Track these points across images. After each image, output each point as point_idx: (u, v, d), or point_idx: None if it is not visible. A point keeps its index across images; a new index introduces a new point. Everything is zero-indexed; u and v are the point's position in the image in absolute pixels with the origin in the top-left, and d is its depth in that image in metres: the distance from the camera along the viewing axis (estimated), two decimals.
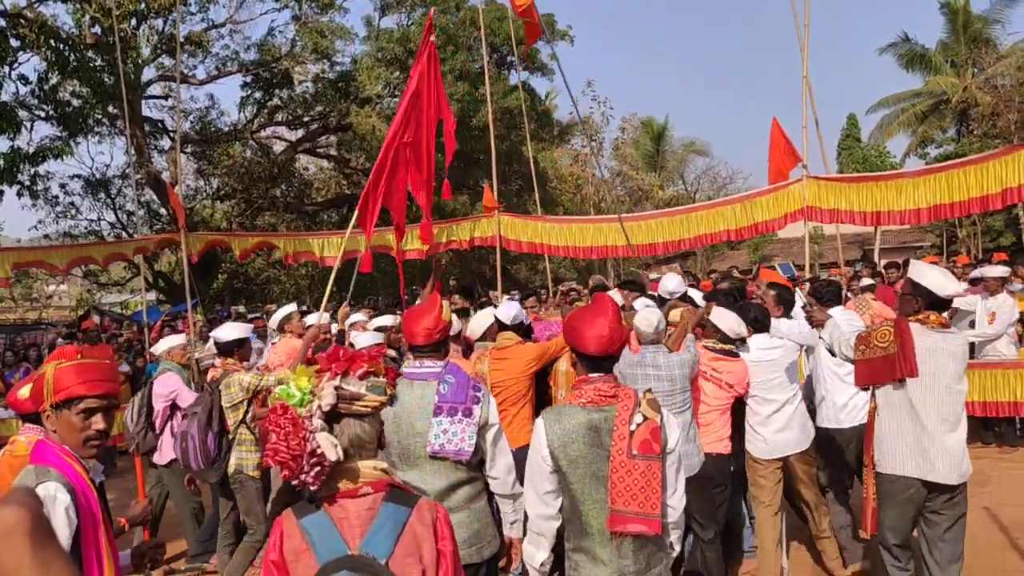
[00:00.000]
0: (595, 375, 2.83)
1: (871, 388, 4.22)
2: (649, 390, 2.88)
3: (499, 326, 5.34)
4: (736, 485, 5.24)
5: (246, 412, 5.36)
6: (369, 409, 2.05)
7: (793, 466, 5.16)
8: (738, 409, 5.05)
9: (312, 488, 1.94)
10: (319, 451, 1.92)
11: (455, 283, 11.99)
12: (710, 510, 4.78)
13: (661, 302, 6.03)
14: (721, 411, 4.89)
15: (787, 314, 5.52)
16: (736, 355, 4.93)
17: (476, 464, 3.33)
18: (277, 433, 1.92)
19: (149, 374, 8.13)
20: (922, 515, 4.09)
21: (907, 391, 3.99)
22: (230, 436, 5.43)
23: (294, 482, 1.94)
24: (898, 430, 4.03)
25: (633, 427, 2.70)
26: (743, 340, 5.00)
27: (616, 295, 6.65)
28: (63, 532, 2.15)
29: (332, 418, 2.00)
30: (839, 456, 5.44)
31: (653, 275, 17.03)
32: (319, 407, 1.97)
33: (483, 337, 5.40)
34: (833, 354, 4.61)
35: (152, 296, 21.51)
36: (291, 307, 7.47)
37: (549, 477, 2.77)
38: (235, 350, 5.61)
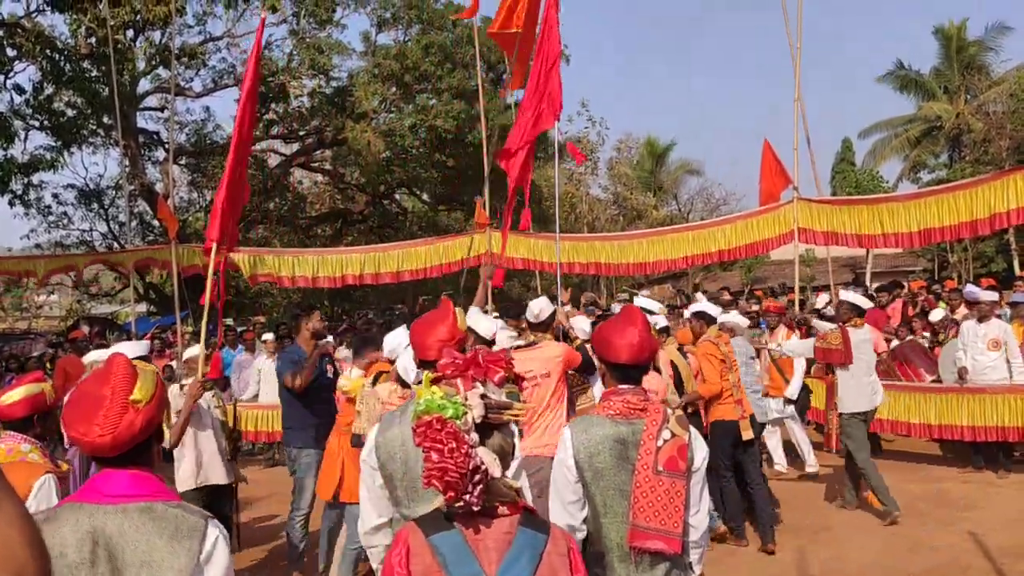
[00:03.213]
0: (625, 387, 2.80)
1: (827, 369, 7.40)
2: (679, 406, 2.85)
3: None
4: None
5: None
6: (515, 419, 1.89)
7: None
8: None
9: (475, 508, 1.77)
10: (483, 467, 1.76)
11: (446, 299, 11.94)
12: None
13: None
14: None
15: None
16: None
17: None
18: (439, 451, 1.73)
19: None
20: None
21: (853, 366, 7.02)
22: None
23: (458, 504, 1.77)
24: (852, 385, 7.06)
25: (660, 443, 2.67)
26: None
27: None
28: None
29: (479, 430, 1.84)
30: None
31: (644, 292, 17.03)
32: (472, 419, 1.82)
33: None
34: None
35: (142, 308, 21.41)
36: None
37: (574, 487, 2.72)
38: None
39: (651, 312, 6.50)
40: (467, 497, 1.74)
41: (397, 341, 4.64)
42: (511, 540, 1.80)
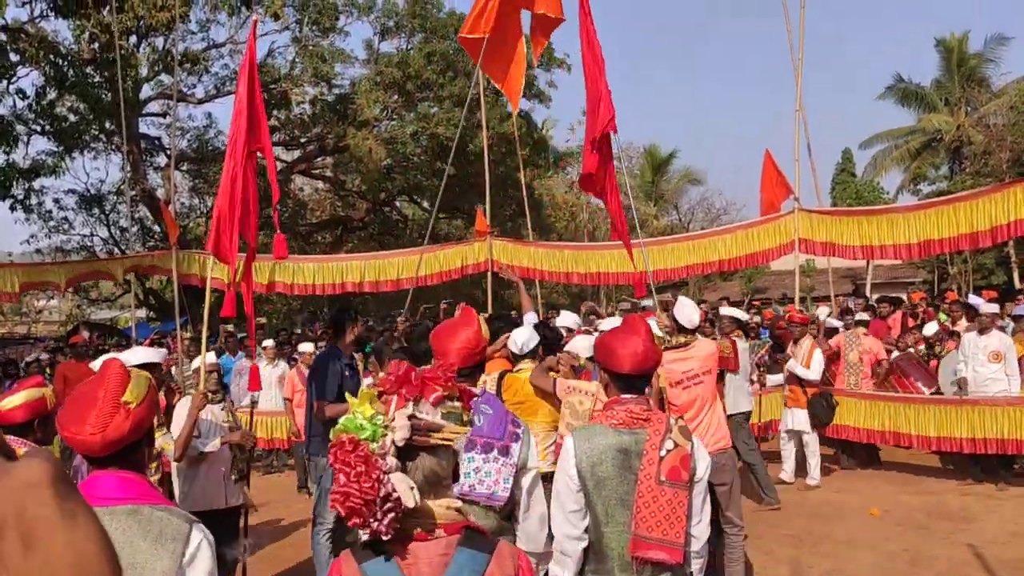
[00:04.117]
0: (628, 396, 2.80)
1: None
2: (681, 417, 2.84)
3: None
4: None
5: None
6: (449, 442, 1.76)
7: None
8: None
9: (384, 537, 1.67)
10: (394, 496, 1.65)
11: (447, 306, 11.96)
12: None
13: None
14: None
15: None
16: None
17: (508, 513, 2.97)
18: (346, 474, 1.64)
19: None
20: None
21: (739, 372, 7.81)
22: None
23: (364, 532, 1.68)
24: (735, 389, 7.86)
25: (663, 453, 2.67)
26: None
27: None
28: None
29: (404, 452, 1.72)
30: None
31: (647, 302, 17.02)
32: (392, 442, 1.69)
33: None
34: None
35: (142, 313, 21.41)
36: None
37: (576, 496, 2.72)
38: None
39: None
40: (374, 524, 1.65)
41: (528, 335, 4.61)
42: (447, 562, 1.69)
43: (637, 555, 2.64)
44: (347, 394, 2.00)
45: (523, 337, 4.61)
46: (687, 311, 5.38)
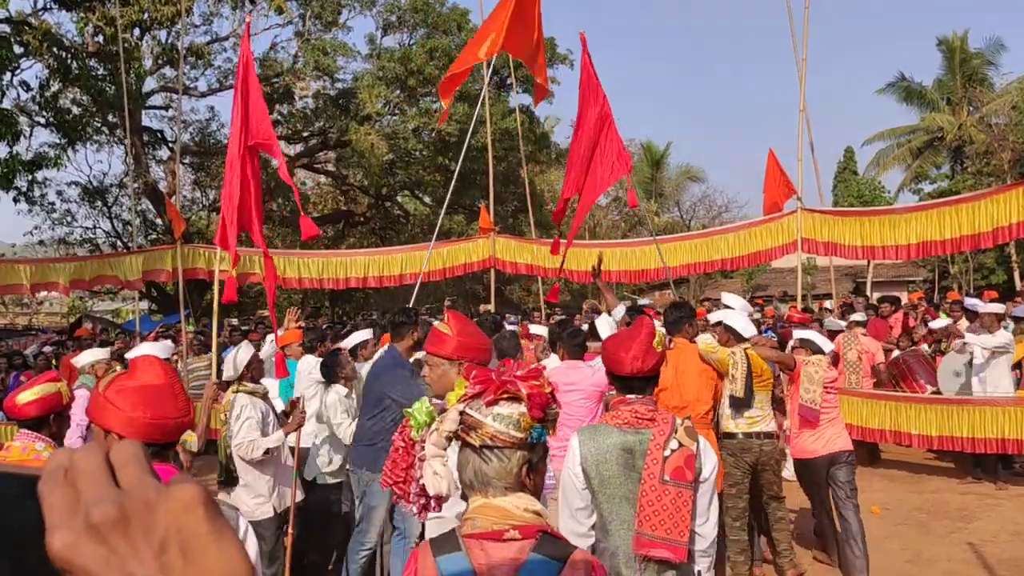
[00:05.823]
0: (633, 396, 2.86)
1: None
2: (688, 417, 2.88)
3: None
4: None
5: None
6: (483, 442, 1.71)
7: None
8: None
9: (420, 520, 1.74)
10: (420, 479, 1.71)
11: (450, 303, 12.00)
12: None
13: None
14: None
15: None
16: None
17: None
18: (393, 454, 1.78)
19: None
20: None
21: None
22: None
23: (405, 508, 1.75)
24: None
25: (667, 452, 2.71)
26: None
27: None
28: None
29: (467, 446, 1.74)
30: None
31: (645, 301, 17.06)
32: (437, 432, 1.75)
33: None
34: None
35: (144, 305, 21.45)
36: (366, 333, 6.50)
37: (581, 494, 2.77)
38: None
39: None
40: (410, 506, 1.74)
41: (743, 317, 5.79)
42: (519, 567, 1.66)
43: (640, 553, 2.69)
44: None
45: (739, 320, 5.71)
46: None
